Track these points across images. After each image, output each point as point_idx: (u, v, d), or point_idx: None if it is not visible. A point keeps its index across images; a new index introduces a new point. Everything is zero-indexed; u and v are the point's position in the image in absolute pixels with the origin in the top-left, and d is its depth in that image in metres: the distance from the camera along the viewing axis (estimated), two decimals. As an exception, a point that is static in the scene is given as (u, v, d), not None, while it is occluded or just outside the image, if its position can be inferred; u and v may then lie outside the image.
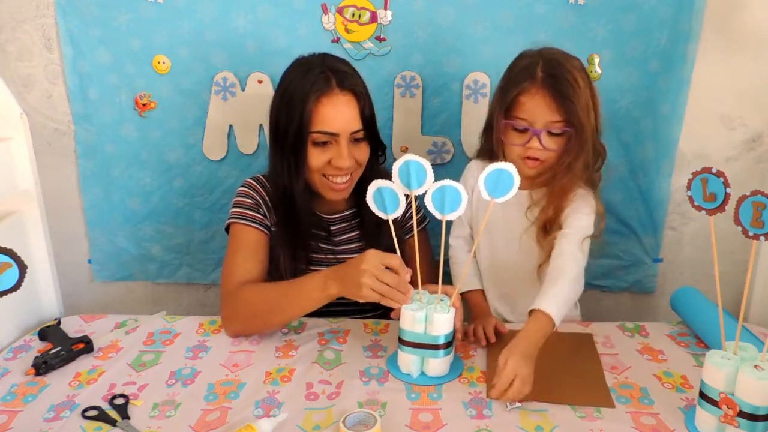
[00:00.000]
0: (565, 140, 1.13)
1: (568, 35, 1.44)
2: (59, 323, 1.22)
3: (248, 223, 1.23)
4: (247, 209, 1.24)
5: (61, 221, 1.57)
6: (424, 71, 1.50)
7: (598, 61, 1.46)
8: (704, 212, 0.87)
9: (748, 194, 0.82)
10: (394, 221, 1.04)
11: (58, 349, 1.09)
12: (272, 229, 1.25)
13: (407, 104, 1.53)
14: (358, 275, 0.99)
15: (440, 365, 1.03)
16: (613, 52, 1.46)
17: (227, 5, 1.46)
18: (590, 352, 1.12)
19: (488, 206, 0.99)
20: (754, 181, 1.51)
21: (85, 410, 0.94)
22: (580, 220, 1.15)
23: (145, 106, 1.53)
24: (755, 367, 0.83)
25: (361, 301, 1.01)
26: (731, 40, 1.44)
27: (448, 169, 1.55)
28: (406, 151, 1.55)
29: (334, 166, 1.17)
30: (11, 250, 0.80)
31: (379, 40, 1.48)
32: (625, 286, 1.64)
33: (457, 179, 1.02)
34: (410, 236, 1.23)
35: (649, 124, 1.50)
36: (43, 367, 1.05)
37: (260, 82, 1.51)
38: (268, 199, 1.25)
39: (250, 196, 1.25)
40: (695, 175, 0.88)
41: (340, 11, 1.46)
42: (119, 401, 0.97)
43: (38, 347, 1.15)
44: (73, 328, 1.22)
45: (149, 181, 1.60)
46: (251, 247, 1.22)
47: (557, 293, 1.04)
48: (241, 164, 1.58)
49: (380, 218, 1.06)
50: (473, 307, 1.27)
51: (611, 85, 1.47)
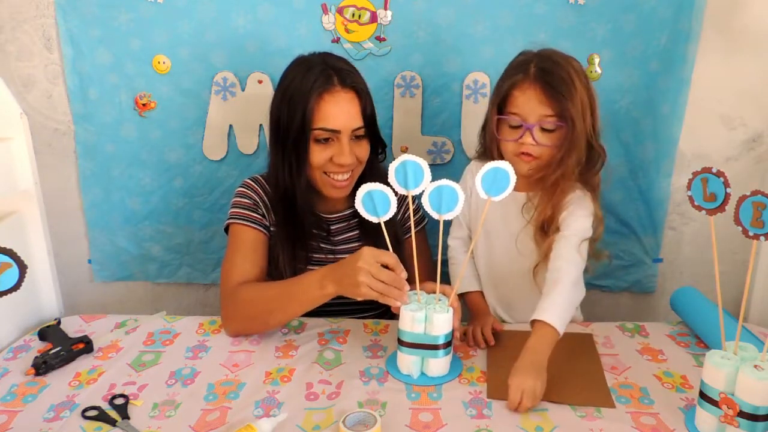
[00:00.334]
0: (558, 136, 1.13)
1: (568, 35, 1.44)
2: (59, 323, 1.22)
3: (247, 223, 1.23)
4: (245, 209, 1.24)
5: (61, 221, 1.57)
6: (424, 71, 1.50)
7: (598, 61, 1.46)
8: (704, 212, 0.87)
9: (748, 194, 0.82)
10: (392, 221, 1.04)
11: (58, 349, 1.09)
12: (271, 229, 1.25)
13: (407, 104, 1.53)
14: (354, 273, 0.99)
15: (440, 365, 1.03)
16: (613, 52, 1.46)
17: (227, 5, 1.46)
18: (590, 352, 1.12)
19: (481, 206, 1.00)
20: (754, 181, 1.50)
21: (85, 410, 0.94)
22: (577, 222, 1.14)
23: (145, 106, 1.53)
24: (755, 367, 0.83)
25: (359, 299, 1.01)
26: (731, 40, 1.44)
27: (447, 169, 1.55)
28: (406, 151, 1.55)
29: (335, 163, 1.17)
30: (11, 250, 0.80)
31: (379, 40, 1.48)
32: (625, 286, 1.64)
33: (457, 179, 1.02)
34: (409, 236, 1.23)
35: (649, 124, 1.50)
36: (43, 367, 1.05)
37: (260, 82, 1.51)
38: (266, 199, 1.26)
39: (248, 196, 1.25)
40: (695, 175, 0.88)
41: (340, 11, 1.46)
42: (119, 401, 0.97)
43: (38, 347, 1.15)
44: (73, 328, 1.22)
45: (149, 181, 1.60)
46: (250, 247, 1.22)
47: (557, 300, 1.04)
48: (241, 164, 1.58)
49: None
50: (472, 307, 1.27)
51: (611, 85, 1.47)
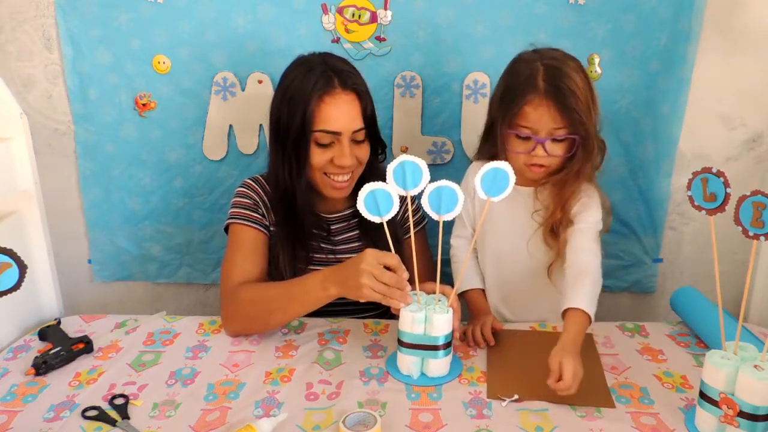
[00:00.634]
0: (569, 145, 1.13)
1: (568, 35, 1.44)
2: (59, 323, 1.22)
3: (247, 223, 1.23)
4: (245, 209, 1.24)
5: (61, 221, 1.57)
6: (424, 71, 1.50)
7: (598, 61, 1.46)
8: (704, 212, 0.87)
9: (748, 194, 0.82)
10: (393, 221, 1.04)
11: (58, 349, 1.09)
12: (271, 229, 1.25)
13: (407, 104, 1.52)
14: (357, 275, 0.99)
15: (440, 366, 1.03)
16: (613, 52, 1.46)
17: (227, 5, 1.46)
18: (590, 352, 1.12)
19: (490, 207, 0.99)
20: (754, 181, 1.50)
21: (85, 410, 0.94)
22: (590, 215, 1.16)
23: (145, 106, 1.53)
24: (755, 367, 0.83)
25: (361, 300, 1.01)
26: (731, 40, 1.44)
27: (448, 169, 1.55)
28: (406, 151, 1.55)
29: (335, 164, 1.17)
30: (11, 250, 0.80)
31: (379, 40, 1.48)
32: (625, 286, 1.64)
33: (457, 179, 1.02)
34: (409, 236, 1.23)
35: (649, 124, 1.50)
36: (43, 367, 1.05)
37: (260, 82, 1.51)
38: (266, 199, 1.25)
39: (248, 196, 1.25)
40: (695, 175, 0.88)
41: (340, 11, 1.46)
42: (119, 401, 0.97)
43: (38, 347, 1.15)
44: (73, 328, 1.22)
45: (149, 181, 1.60)
46: (250, 246, 1.22)
47: (586, 290, 1.06)
48: (241, 164, 1.58)
49: None
50: (472, 306, 1.27)
51: (611, 85, 1.47)
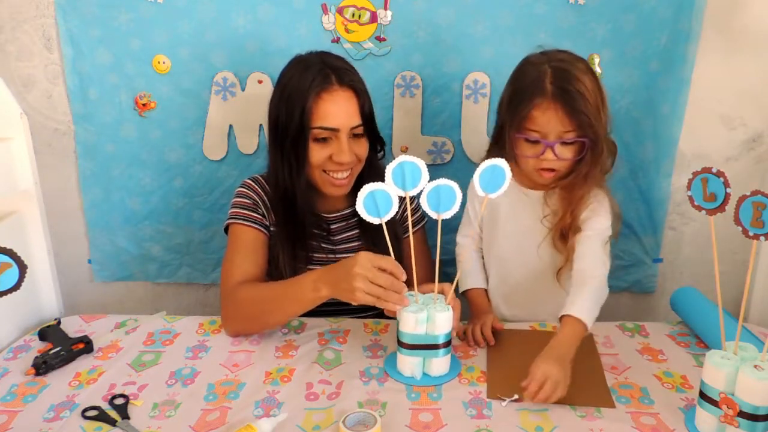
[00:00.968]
0: (579, 147, 1.12)
1: (568, 35, 1.44)
2: (59, 323, 1.22)
3: (247, 223, 1.23)
4: (245, 209, 1.24)
5: (61, 221, 1.57)
6: (424, 71, 1.50)
7: (598, 61, 1.46)
8: (704, 212, 0.87)
9: (748, 194, 0.82)
10: (392, 219, 1.04)
11: (58, 349, 1.09)
12: (271, 228, 1.25)
13: (407, 104, 1.52)
14: (350, 279, 0.98)
15: (441, 364, 1.03)
16: (613, 52, 1.46)
17: (227, 5, 1.46)
18: (590, 352, 1.12)
19: (495, 206, 0.99)
20: (754, 181, 1.50)
21: (85, 410, 0.95)
22: (599, 222, 1.15)
23: (145, 106, 1.53)
24: (755, 367, 0.83)
25: (354, 303, 1.01)
26: (731, 40, 1.44)
27: (448, 169, 1.55)
28: (406, 151, 1.55)
29: (334, 161, 1.17)
30: (11, 250, 0.80)
31: (379, 40, 1.48)
32: (625, 286, 1.64)
33: (457, 179, 1.02)
34: (407, 236, 1.23)
35: (649, 124, 1.50)
36: (43, 367, 1.05)
37: (260, 82, 1.51)
38: (266, 198, 1.26)
39: (248, 196, 1.25)
40: (695, 175, 0.88)
41: (340, 11, 1.46)
42: (119, 401, 0.97)
43: (38, 347, 1.15)
44: (73, 328, 1.22)
45: (149, 181, 1.60)
46: (250, 247, 1.22)
47: (587, 298, 1.06)
48: (241, 164, 1.57)
49: None
50: (473, 305, 1.26)
51: (611, 85, 1.46)
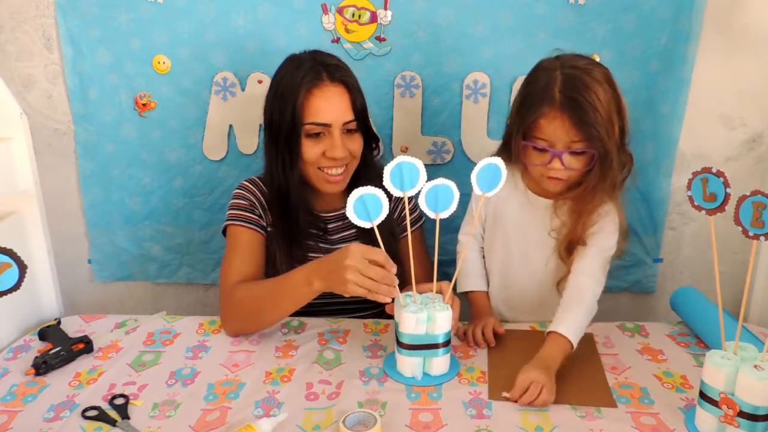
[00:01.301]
0: (588, 158, 1.09)
1: (568, 35, 1.44)
2: (59, 323, 1.22)
3: (244, 224, 1.23)
4: (242, 210, 1.24)
5: (61, 221, 1.57)
6: (424, 71, 1.50)
7: (598, 60, 1.46)
8: (704, 212, 0.87)
9: (748, 194, 0.82)
10: (387, 219, 1.03)
11: (58, 349, 1.09)
12: (268, 229, 1.25)
13: (407, 104, 1.52)
14: (342, 271, 0.98)
15: (441, 363, 1.03)
16: (613, 52, 1.46)
17: (227, 5, 1.46)
18: (590, 352, 1.12)
19: (501, 210, 0.97)
20: (754, 181, 1.50)
21: (85, 410, 0.95)
22: (605, 240, 1.14)
23: (145, 106, 1.53)
24: (755, 367, 0.83)
25: (346, 295, 1.00)
26: (731, 40, 1.44)
27: (448, 168, 1.55)
28: (405, 151, 1.55)
29: (328, 157, 1.18)
30: (11, 250, 0.80)
31: (379, 40, 1.48)
32: (625, 286, 1.64)
33: (457, 179, 1.02)
34: (405, 235, 1.23)
35: (649, 124, 1.50)
36: (43, 367, 1.05)
37: (260, 82, 1.51)
38: (263, 199, 1.26)
39: (245, 197, 1.26)
40: (695, 175, 0.88)
41: (340, 11, 1.46)
42: (119, 401, 0.97)
43: (38, 347, 1.15)
44: (73, 328, 1.22)
45: (149, 181, 1.60)
46: (247, 247, 1.22)
47: (577, 316, 1.07)
48: (241, 164, 1.58)
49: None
50: (474, 307, 1.26)
51: (611, 85, 1.47)
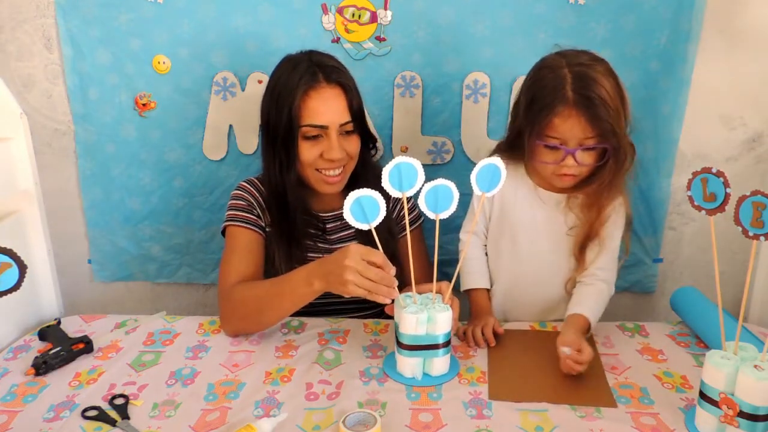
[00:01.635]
0: (600, 152, 1.10)
1: (568, 35, 1.44)
2: (59, 323, 1.22)
3: (243, 224, 1.23)
4: (241, 211, 1.24)
5: (61, 221, 1.57)
6: (424, 71, 1.50)
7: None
8: (704, 212, 0.87)
9: (748, 194, 0.82)
10: (386, 218, 1.03)
11: (58, 349, 1.09)
12: (267, 229, 1.25)
13: (407, 104, 1.52)
14: (341, 271, 0.98)
15: (442, 364, 1.03)
16: (613, 52, 1.45)
17: (227, 5, 1.46)
18: (590, 352, 1.12)
19: (509, 208, 0.97)
20: (754, 181, 1.50)
21: (85, 410, 0.95)
22: (617, 238, 1.18)
23: (145, 106, 1.53)
24: (755, 367, 0.83)
25: (346, 296, 1.01)
26: (731, 40, 1.44)
27: (448, 169, 1.55)
28: (406, 151, 1.55)
29: (325, 158, 1.18)
30: (11, 250, 0.80)
31: (379, 40, 1.48)
32: (625, 286, 1.64)
33: (456, 179, 1.01)
34: (404, 235, 1.23)
35: (649, 124, 1.50)
36: (43, 367, 1.05)
37: (260, 82, 1.50)
38: (261, 200, 1.26)
39: (243, 198, 1.26)
40: (695, 175, 0.88)
41: (340, 11, 1.46)
42: (119, 401, 0.97)
43: (38, 347, 1.15)
44: (73, 328, 1.22)
45: (149, 181, 1.60)
46: (246, 248, 1.22)
47: (598, 302, 1.13)
48: (241, 164, 1.58)
49: None
50: (474, 306, 1.26)
51: (611, 85, 1.47)
